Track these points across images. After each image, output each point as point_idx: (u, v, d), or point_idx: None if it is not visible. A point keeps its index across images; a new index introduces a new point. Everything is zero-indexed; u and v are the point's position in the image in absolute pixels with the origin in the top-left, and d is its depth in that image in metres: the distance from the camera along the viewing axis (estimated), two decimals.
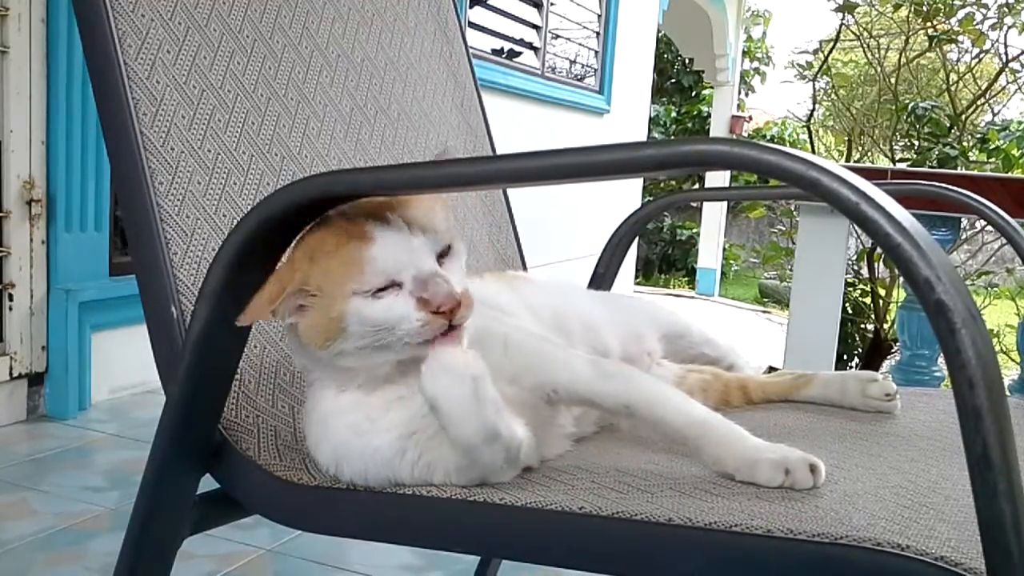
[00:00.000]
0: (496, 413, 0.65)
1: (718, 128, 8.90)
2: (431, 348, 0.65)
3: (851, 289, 4.70)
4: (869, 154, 6.44)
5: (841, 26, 5.57)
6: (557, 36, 5.48)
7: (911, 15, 5.37)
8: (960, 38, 5.44)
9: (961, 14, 5.30)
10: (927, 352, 2.18)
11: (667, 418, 0.72)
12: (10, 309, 2.41)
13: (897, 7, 5.47)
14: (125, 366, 2.66)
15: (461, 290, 0.66)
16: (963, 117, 5.50)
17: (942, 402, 0.99)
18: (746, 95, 10.61)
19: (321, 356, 0.68)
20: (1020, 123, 5.65)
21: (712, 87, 9.26)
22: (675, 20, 7.88)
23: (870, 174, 1.82)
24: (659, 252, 10.31)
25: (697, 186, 8.71)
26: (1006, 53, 5.45)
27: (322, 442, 0.71)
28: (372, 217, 0.67)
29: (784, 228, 5.77)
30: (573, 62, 5.86)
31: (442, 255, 0.69)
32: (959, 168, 5.05)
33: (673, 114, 10.74)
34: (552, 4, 5.25)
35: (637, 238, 1.41)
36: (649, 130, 7.71)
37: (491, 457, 0.67)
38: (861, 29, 5.72)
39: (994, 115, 6.15)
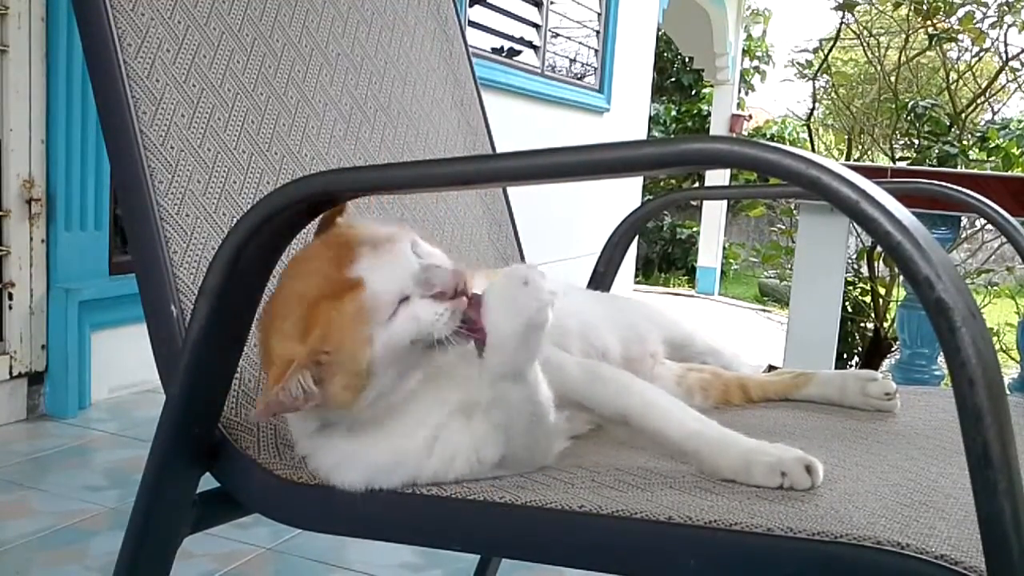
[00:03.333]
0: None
1: (718, 127, 8.90)
2: (461, 338, 0.65)
3: (851, 288, 4.69)
4: (869, 153, 6.44)
5: (841, 24, 5.56)
6: (557, 35, 5.48)
7: (911, 13, 5.37)
8: (960, 36, 5.44)
9: (961, 12, 5.29)
10: (927, 351, 2.18)
11: (663, 430, 0.72)
12: (10, 308, 2.41)
13: (897, 5, 5.47)
14: (125, 365, 2.66)
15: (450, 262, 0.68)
16: (963, 115, 5.50)
17: (942, 401, 0.99)
18: (746, 94, 10.61)
19: (353, 412, 0.67)
20: (1020, 121, 5.65)
21: (712, 86, 9.26)
22: (675, 19, 7.87)
23: (870, 172, 1.82)
24: (659, 251, 10.31)
25: (697, 185, 8.70)
26: (1006, 51, 5.45)
27: (349, 471, 0.70)
28: (343, 261, 0.67)
29: (784, 227, 5.77)
30: (573, 61, 5.86)
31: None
32: (959, 166, 5.05)
33: (673, 113, 10.74)
34: (552, 3, 5.25)
35: (637, 237, 1.41)
36: (649, 129, 7.71)
37: (519, 399, 0.67)
38: (861, 27, 5.72)
39: (994, 113, 6.15)
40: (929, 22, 5.33)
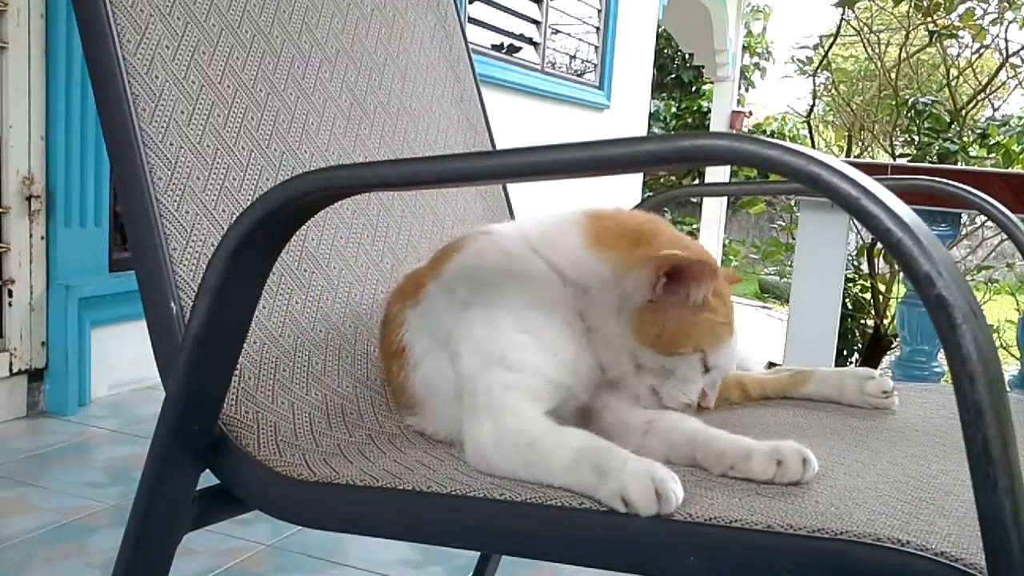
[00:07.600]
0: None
1: (718, 123, 8.90)
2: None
3: (851, 285, 4.70)
4: (869, 149, 6.44)
5: (841, 21, 5.55)
6: (557, 31, 5.47)
7: (911, 10, 5.36)
8: (960, 33, 5.43)
9: (961, 9, 5.29)
10: (927, 347, 2.18)
11: (679, 426, 0.76)
12: (10, 305, 2.41)
13: (897, 2, 5.46)
14: (125, 362, 2.66)
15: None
16: (963, 112, 5.50)
17: (942, 398, 0.99)
18: (746, 90, 10.61)
19: (639, 350, 0.78)
20: (1020, 118, 5.65)
21: (712, 82, 9.26)
22: (675, 15, 7.87)
23: (870, 169, 1.82)
24: None
25: (697, 181, 8.70)
26: (1006, 48, 5.44)
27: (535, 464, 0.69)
28: (730, 308, 0.83)
29: (784, 224, 5.76)
30: (573, 57, 5.85)
31: None
32: (959, 163, 5.05)
33: (673, 109, 10.74)
34: None
35: None
36: (649, 126, 7.70)
37: None
38: (861, 24, 5.71)
39: (994, 110, 6.14)
40: (930, 18, 5.32)
